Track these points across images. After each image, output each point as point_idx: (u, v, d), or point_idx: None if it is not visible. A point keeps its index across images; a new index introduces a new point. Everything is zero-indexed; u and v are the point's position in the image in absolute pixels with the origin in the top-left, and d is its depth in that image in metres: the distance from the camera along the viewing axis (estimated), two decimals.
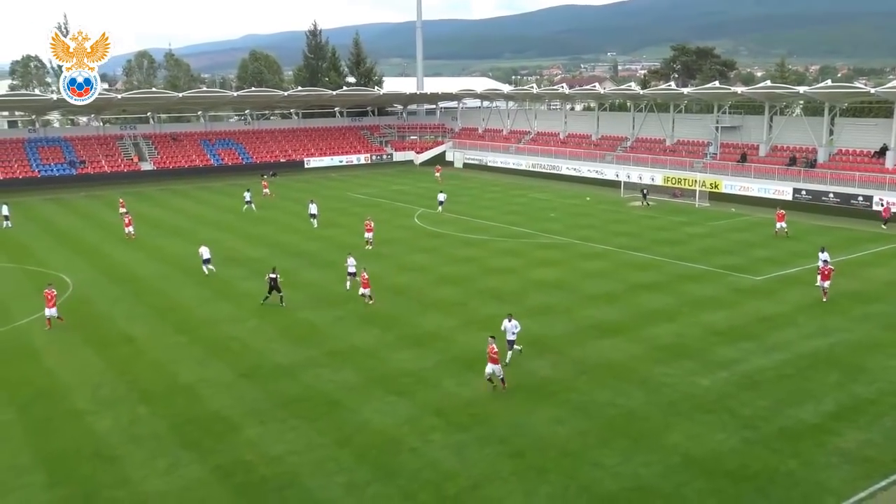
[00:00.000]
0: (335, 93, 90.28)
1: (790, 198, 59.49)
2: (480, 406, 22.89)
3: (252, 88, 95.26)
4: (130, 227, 49.45)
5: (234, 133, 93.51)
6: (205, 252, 40.26)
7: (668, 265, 40.40)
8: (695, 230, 50.48)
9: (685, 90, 72.61)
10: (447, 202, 59.70)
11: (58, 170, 78.01)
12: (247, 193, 60.66)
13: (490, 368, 23.39)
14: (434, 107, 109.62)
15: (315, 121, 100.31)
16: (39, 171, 77.05)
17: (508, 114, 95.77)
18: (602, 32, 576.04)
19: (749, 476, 18.69)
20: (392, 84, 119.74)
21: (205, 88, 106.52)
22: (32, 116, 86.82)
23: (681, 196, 64.37)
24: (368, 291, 33.44)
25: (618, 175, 70.65)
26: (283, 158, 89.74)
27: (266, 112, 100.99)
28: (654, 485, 18.37)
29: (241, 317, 32.23)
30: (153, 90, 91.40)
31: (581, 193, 67.85)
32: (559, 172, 79.43)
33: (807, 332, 29.21)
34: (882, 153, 59.31)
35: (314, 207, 53.28)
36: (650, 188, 64.06)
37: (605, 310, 32.42)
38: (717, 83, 75.74)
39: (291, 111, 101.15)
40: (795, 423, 21.46)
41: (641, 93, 78.30)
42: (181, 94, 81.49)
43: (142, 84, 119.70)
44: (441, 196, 60.53)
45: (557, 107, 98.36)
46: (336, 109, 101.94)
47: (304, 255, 43.68)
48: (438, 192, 61.71)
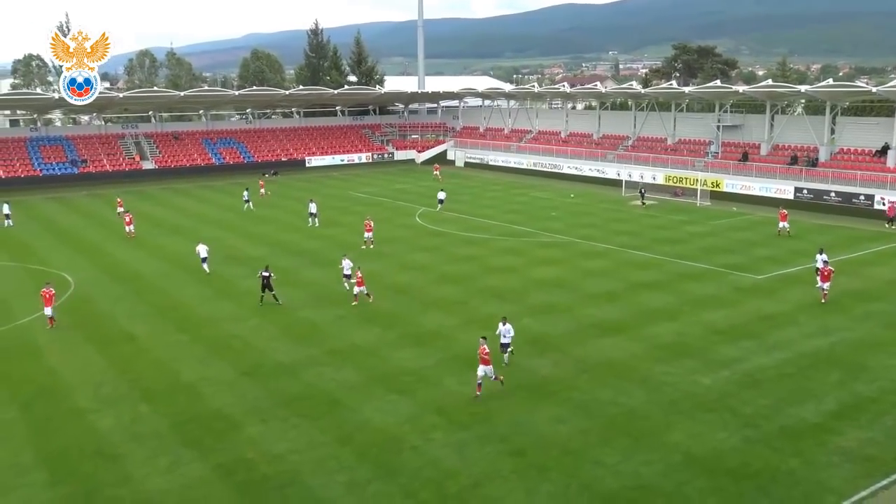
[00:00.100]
0: (336, 92, 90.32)
1: (791, 197, 59.49)
2: (481, 404, 22.88)
3: (253, 87, 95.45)
4: (131, 226, 49.51)
5: (236, 132, 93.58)
6: (202, 250, 40.32)
7: (669, 264, 40.40)
8: (696, 229, 50.47)
9: (686, 89, 72.55)
10: (447, 201, 59.71)
11: (59, 169, 78.13)
12: (245, 192, 60.94)
13: (482, 370, 23.12)
14: (435, 106, 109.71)
15: (316, 120, 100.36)
16: (41, 170, 77.17)
17: (510, 113, 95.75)
18: (603, 31, 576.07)
19: (750, 475, 18.69)
20: (393, 83, 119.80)
21: (206, 87, 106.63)
22: (34, 115, 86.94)
23: (682, 195, 64.35)
24: (364, 290, 33.32)
25: (619, 174, 70.65)
26: (285, 157, 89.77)
27: (267, 111, 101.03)
28: (656, 483, 18.38)
29: (243, 315, 32.25)
30: (155, 89, 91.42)
31: (582, 192, 67.88)
32: (560, 171, 79.50)
33: (808, 331, 29.19)
34: (883, 152, 59.28)
35: (314, 207, 53.31)
36: (648, 187, 64.06)
37: (607, 308, 32.42)
38: (719, 82, 75.75)
39: (293, 110, 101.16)
40: (797, 422, 21.46)
41: (643, 92, 78.27)
42: (183, 93, 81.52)
43: (143, 83, 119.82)
44: (441, 194, 60.51)
45: (559, 106, 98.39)
46: (337, 108, 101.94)
47: (305, 254, 43.71)
48: (438, 191, 61.75)
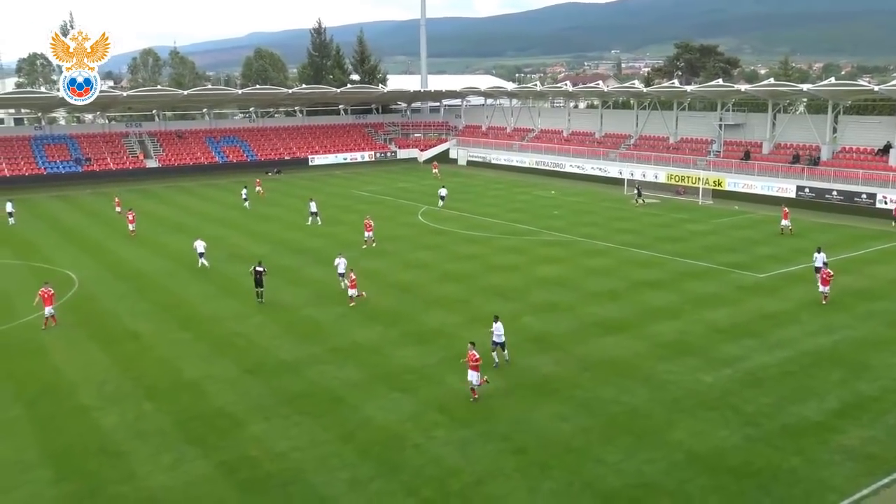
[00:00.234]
0: (339, 90, 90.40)
1: (793, 195, 59.42)
2: (483, 402, 22.93)
3: (257, 86, 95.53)
4: (133, 225, 49.63)
5: (239, 130, 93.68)
6: (199, 246, 40.43)
7: (672, 262, 40.41)
8: (698, 227, 50.47)
9: (689, 88, 72.48)
10: (449, 198, 59.76)
11: (64, 167, 78.26)
12: (244, 191, 61.20)
13: (471, 376, 22.83)
14: (438, 104, 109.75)
15: (319, 118, 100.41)
16: (45, 169, 77.31)
17: (512, 111, 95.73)
18: (606, 30, 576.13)
19: (752, 473, 18.73)
20: (396, 82, 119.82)
21: (210, 86, 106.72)
22: (38, 114, 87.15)
23: (684, 193, 64.37)
24: (355, 292, 33.03)
25: (621, 172, 70.62)
26: (288, 156, 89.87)
27: (270, 110, 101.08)
28: (658, 481, 18.42)
29: (246, 313, 32.33)
30: (158, 88, 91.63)
31: (584, 191, 67.91)
32: (563, 170, 79.52)
33: (810, 330, 29.20)
34: (886, 151, 59.20)
35: (314, 206, 53.38)
36: (650, 186, 64.00)
37: (609, 307, 32.45)
38: (721, 81, 75.79)
39: (296, 109, 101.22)
40: (798, 421, 21.48)
41: (645, 90, 78.21)
42: (186, 92, 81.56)
43: (147, 82, 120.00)
44: (442, 191, 60.63)
45: (561, 104, 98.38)
46: (340, 107, 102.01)
47: (308, 252, 43.75)
48: (440, 188, 61.84)
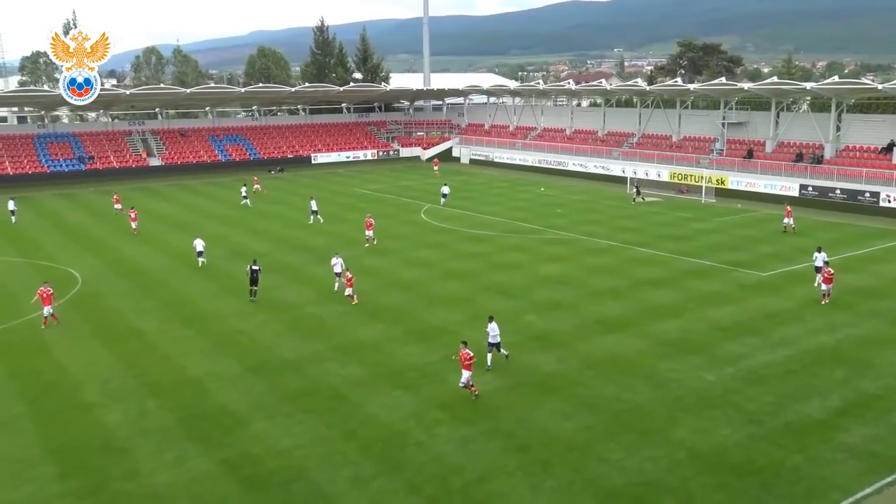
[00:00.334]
0: (342, 89, 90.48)
1: (797, 194, 59.31)
2: (486, 400, 22.97)
3: (259, 84, 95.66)
4: (135, 223, 49.77)
5: (242, 129, 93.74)
6: (199, 244, 40.53)
7: (674, 261, 40.41)
8: (701, 226, 50.47)
9: (692, 86, 72.38)
10: (451, 196, 59.79)
11: (67, 165, 78.38)
12: (243, 189, 61.47)
13: (464, 375, 22.77)
14: (441, 103, 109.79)
15: (322, 117, 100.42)
16: (49, 167, 77.44)
17: (515, 110, 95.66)
18: (608, 29, 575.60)
19: (754, 471, 18.75)
20: (399, 80, 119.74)
21: (212, 84, 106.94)
22: (41, 112, 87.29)
23: (687, 192, 64.34)
24: (351, 291, 33.02)
25: (624, 171, 70.59)
26: (291, 154, 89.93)
27: (273, 108, 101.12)
28: (660, 479, 18.45)
29: (249, 311, 32.39)
30: (161, 86, 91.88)
31: (587, 189, 67.90)
32: (565, 168, 79.51)
33: (813, 328, 29.21)
34: (889, 149, 59.06)
35: (314, 204, 53.47)
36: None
37: (611, 305, 32.48)
38: (724, 79, 75.64)
39: (298, 107, 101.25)
40: (801, 419, 21.50)
41: (648, 89, 78.10)
42: (189, 90, 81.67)
43: (150, 80, 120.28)
44: (445, 189, 60.69)
45: (564, 103, 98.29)
46: (343, 105, 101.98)
47: (311, 251, 43.77)
48: (442, 186, 61.89)
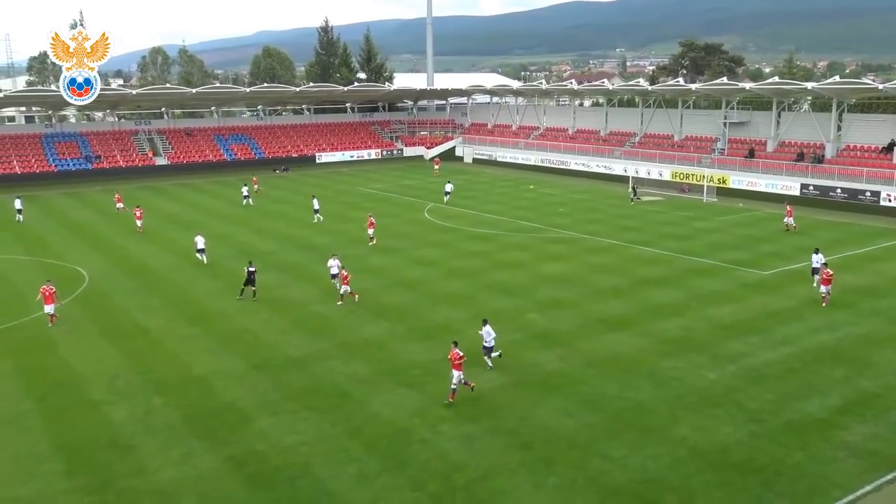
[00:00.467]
0: (346, 89, 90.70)
1: (798, 193, 59.38)
2: (489, 398, 23.11)
3: (264, 84, 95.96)
4: (140, 221, 50.06)
5: (247, 128, 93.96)
6: (199, 241, 40.72)
7: (676, 260, 40.53)
8: (702, 225, 50.57)
9: (693, 86, 72.48)
10: (454, 195, 59.93)
11: (74, 164, 78.66)
12: (244, 189, 61.85)
13: (456, 376, 22.55)
14: (444, 102, 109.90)
15: (326, 116, 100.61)
16: (56, 166, 77.76)
17: (518, 109, 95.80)
18: (611, 29, 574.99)
19: (755, 469, 18.87)
20: (402, 80, 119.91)
21: (218, 84, 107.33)
22: (49, 112, 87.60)
23: (689, 191, 64.43)
24: (348, 289, 32.90)
25: (626, 170, 70.69)
26: (295, 153, 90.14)
27: (278, 108, 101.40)
28: (662, 477, 18.57)
29: (254, 309, 32.55)
30: (167, 86, 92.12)
31: (589, 188, 68.01)
32: (568, 168, 79.62)
33: (813, 327, 29.32)
34: (890, 149, 59.10)
35: (316, 203, 53.75)
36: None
37: (613, 304, 32.61)
38: (726, 79, 75.70)
39: (303, 107, 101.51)
40: (802, 417, 21.62)
41: (650, 89, 78.18)
42: (195, 90, 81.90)
43: (156, 80, 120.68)
44: (448, 186, 60.87)
45: (566, 102, 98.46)
46: (347, 105, 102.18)
47: (315, 249, 43.89)
48: (446, 183, 62.05)
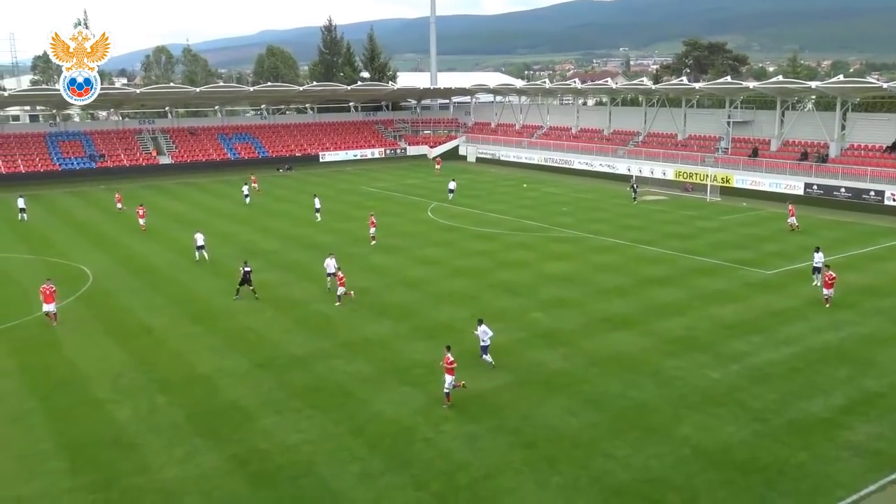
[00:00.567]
0: (350, 88, 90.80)
1: (801, 192, 59.33)
2: (492, 397, 23.14)
3: (268, 83, 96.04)
4: (143, 220, 50.19)
5: (251, 127, 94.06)
6: (199, 238, 40.77)
7: (679, 259, 40.51)
8: (706, 224, 50.52)
9: (697, 85, 72.43)
10: (458, 194, 59.98)
11: (78, 163, 78.80)
12: (245, 187, 62.11)
13: (448, 380, 22.34)
14: (447, 101, 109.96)
15: (330, 115, 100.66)
16: (60, 165, 77.93)
17: (521, 108, 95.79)
18: (614, 28, 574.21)
19: (759, 468, 18.86)
20: (406, 79, 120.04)
21: (222, 83, 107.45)
22: (53, 111, 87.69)
23: (692, 190, 64.37)
24: (343, 290, 32.68)
25: (629, 169, 70.68)
26: (299, 152, 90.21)
27: (282, 107, 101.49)
28: (665, 476, 18.57)
29: (257, 308, 32.59)
30: (171, 85, 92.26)
31: (592, 188, 67.99)
32: (571, 167, 79.60)
33: (817, 326, 29.28)
34: (894, 148, 59.03)
35: (318, 202, 53.86)
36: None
37: (617, 303, 32.61)
38: (729, 78, 75.55)
39: (307, 106, 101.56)
40: (805, 417, 21.60)
41: (653, 88, 78.15)
42: (198, 89, 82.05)
43: (160, 79, 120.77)
44: (452, 184, 60.92)
45: (570, 102, 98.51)
46: (350, 104, 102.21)
47: (319, 248, 43.84)
48: (449, 181, 62.09)
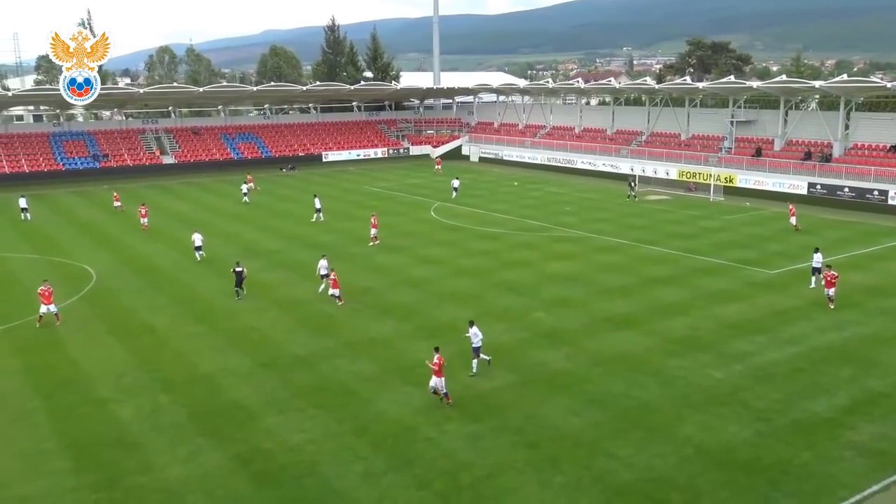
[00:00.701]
0: (353, 87, 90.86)
1: (805, 192, 59.26)
2: (495, 397, 23.14)
3: (271, 83, 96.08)
4: (145, 219, 50.25)
5: (254, 127, 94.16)
6: (197, 239, 40.82)
7: (683, 259, 40.46)
8: (709, 224, 50.44)
9: (700, 85, 72.29)
10: (461, 194, 60.01)
11: (82, 163, 78.96)
12: (244, 186, 62.28)
13: (433, 382, 22.27)
14: (450, 101, 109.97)
15: (333, 115, 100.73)
16: (64, 165, 78.09)
17: (524, 108, 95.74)
18: (617, 27, 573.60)
19: (762, 468, 18.83)
20: (409, 79, 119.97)
21: (225, 83, 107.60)
22: (57, 111, 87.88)
23: (696, 190, 64.30)
24: (338, 292, 32.56)
25: (632, 169, 70.56)
26: (302, 152, 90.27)
27: (285, 106, 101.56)
28: (668, 476, 18.56)
29: (261, 307, 32.64)
30: (175, 85, 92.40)
31: (596, 187, 67.93)
32: (574, 166, 79.55)
33: (820, 326, 29.23)
34: None
35: (318, 202, 53.88)
36: (661, 182, 63.89)
37: (620, 303, 32.58)
38: (733, 78, 75.54)
39: (310, 105, 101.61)
40: (809, 416, 21.56)
41: (656, 87, 78.02)
42: (202, 89, 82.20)
43: (163, 79, 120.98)
44: (455, 182, 60.96)
45: (573, 101, 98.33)
46: (354, 104, 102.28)
47: (321, 247, 43.74)
48: (453, 179, 62.06)
